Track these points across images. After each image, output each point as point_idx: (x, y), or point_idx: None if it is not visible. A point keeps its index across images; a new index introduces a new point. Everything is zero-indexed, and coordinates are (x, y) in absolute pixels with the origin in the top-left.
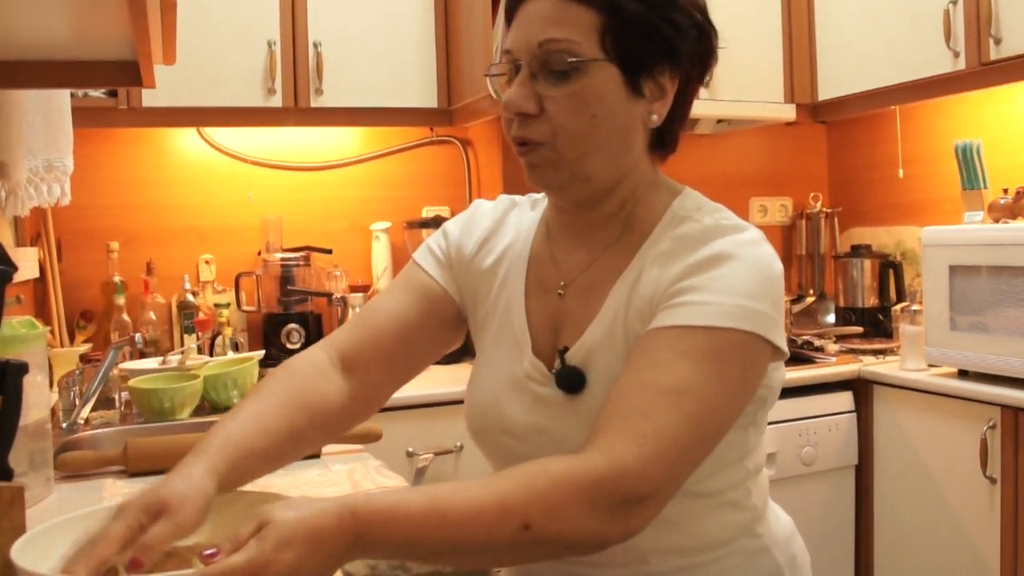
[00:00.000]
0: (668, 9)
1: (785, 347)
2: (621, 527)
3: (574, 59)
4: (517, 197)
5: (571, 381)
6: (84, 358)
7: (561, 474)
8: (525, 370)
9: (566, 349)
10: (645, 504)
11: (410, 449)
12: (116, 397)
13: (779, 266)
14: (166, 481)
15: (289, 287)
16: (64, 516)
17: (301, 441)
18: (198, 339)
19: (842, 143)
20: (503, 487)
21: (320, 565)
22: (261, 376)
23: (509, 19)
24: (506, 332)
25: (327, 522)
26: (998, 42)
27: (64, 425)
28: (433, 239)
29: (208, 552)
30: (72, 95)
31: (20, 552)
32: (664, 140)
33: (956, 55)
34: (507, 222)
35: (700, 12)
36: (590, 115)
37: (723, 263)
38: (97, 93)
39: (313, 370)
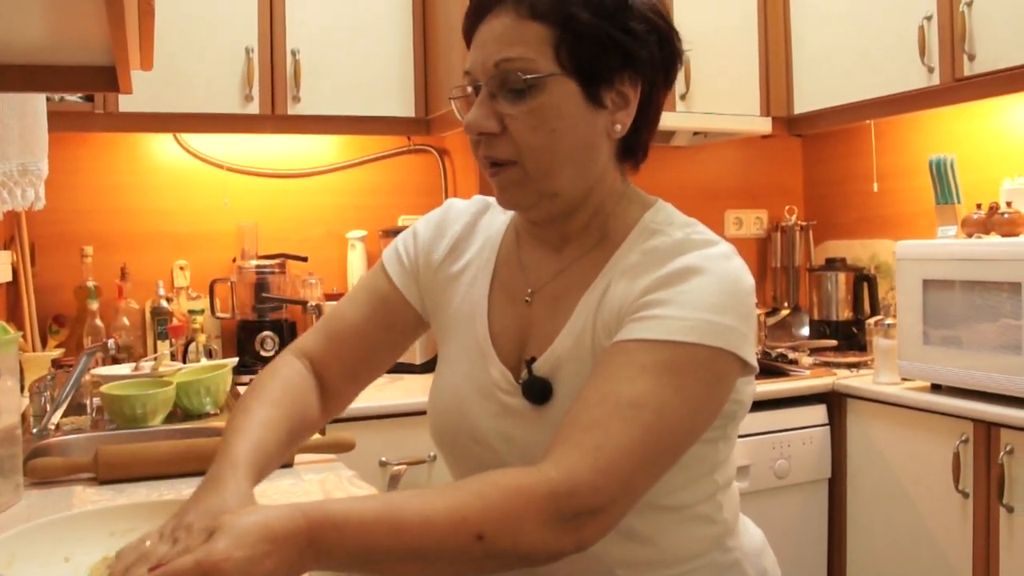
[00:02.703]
0: (623, 18)
1: (754, 361)
2: (574, 539)
3: (530, 76)
4: (491, 199)
5: (538, 392)
6: (56, 363)
7: (515, 486)
8: (493, 379)
9: (533, 359)
10: (599, 516)
11: (383, 459)
12: (88, 403)
13: (749, 280)
14: (217, 501)
15: (264, 294)
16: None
17: (292, 448)
18: (171, 345)
19: (817, 156)
20: (457, 497)
21: (275, 568)
22: (235, 384)
23: (468, 40)
24: (469, 339)
25: (280, 524)
26: (972, 58)
27: (34, 431)
28: (402, 239)
29: (154, 565)
30: (48, 99)
31: None
32: (633, 149)
33: (931, 71)
34: (478, 226)
35: (659, 16)
36: (549, 130)
37: (691, 277)
38: (73, 97)
39: (300, 379)
